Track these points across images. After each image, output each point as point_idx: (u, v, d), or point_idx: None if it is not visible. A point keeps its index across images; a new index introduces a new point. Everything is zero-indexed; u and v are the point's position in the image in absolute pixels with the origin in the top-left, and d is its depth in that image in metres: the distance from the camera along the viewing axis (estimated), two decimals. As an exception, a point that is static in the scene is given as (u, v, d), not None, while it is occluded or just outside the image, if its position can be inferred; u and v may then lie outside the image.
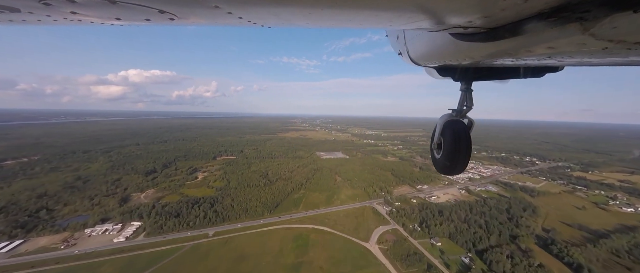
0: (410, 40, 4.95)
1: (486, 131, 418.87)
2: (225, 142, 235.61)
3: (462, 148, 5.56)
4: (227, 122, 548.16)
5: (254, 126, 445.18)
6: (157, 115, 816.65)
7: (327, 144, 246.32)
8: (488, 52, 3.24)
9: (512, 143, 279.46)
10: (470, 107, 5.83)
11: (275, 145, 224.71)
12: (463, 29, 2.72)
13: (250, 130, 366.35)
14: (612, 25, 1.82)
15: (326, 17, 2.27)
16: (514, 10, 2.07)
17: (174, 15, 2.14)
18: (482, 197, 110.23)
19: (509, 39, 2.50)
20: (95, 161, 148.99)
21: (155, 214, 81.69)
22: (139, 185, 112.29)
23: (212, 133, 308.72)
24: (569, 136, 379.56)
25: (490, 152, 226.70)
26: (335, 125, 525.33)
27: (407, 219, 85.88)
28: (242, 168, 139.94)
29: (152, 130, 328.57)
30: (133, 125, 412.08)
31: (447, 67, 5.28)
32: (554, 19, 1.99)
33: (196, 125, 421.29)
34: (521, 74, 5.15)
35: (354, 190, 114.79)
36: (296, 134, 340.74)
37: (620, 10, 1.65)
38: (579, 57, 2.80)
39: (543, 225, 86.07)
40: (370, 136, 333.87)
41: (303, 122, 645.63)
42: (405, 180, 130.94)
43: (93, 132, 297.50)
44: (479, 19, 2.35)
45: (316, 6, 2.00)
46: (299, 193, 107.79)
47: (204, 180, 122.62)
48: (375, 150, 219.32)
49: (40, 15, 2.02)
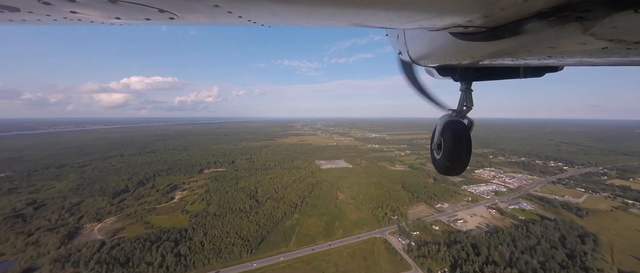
0: (410, 40, 4.89)
1: (495, 132, 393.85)
2: (218, 150, 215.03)
3: (462, 148, 5.46)
4: (226, 127, 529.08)
5: (253, 131, 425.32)
6: (158, 122, 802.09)
7: (328, 151, 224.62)
8: (488, 51, 3.22)
9: (528, 145, 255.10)
10: (470, 107, 5.75)
11: (271, 154, 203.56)
12: (463, 29, 2.72)
13: (249, 136, 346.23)
14: (612, 25, 1.81)
15: (326, 17, 2.26)
16: (514, 9, 2.05)
17: (173, 15, 2.11)
18: (520, 219, 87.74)
19: (509, 38, 2.48)
20: (64, 178, 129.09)
21: (96, 261, 60.63)
22: (100, 211, 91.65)
23: (207, 140, 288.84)
24: (584, 135, 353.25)
25: (507, 156, 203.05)
26: (337, 129, 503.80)
27: (432, 260, 63.80)
28: (228, 186, 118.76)
29: (145, 138, 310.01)
30: (129, 133, 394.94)
31: (447, 67, 5.28)
32: (554, 18, 1.97)
33: (193, 132, 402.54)
34: (521, 74, 5.11)
35: (360, 213, 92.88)
36: (296, 139, 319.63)
37: (620, 10, 1.64)
38: (579, 57, 2.82)
39: (615, 263, 63.55)
40: (374, 140, 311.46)
41: (304, 125, 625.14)
42: (420, 195, 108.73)
43: (84, 142, 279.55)
44: (479, 18, 2.33)
45: (316, 6, 1.97)
46: (292, 220, 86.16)
47: (181, 202, 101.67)
48: (381, 157, 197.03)
49: (40, 15, 1.99)
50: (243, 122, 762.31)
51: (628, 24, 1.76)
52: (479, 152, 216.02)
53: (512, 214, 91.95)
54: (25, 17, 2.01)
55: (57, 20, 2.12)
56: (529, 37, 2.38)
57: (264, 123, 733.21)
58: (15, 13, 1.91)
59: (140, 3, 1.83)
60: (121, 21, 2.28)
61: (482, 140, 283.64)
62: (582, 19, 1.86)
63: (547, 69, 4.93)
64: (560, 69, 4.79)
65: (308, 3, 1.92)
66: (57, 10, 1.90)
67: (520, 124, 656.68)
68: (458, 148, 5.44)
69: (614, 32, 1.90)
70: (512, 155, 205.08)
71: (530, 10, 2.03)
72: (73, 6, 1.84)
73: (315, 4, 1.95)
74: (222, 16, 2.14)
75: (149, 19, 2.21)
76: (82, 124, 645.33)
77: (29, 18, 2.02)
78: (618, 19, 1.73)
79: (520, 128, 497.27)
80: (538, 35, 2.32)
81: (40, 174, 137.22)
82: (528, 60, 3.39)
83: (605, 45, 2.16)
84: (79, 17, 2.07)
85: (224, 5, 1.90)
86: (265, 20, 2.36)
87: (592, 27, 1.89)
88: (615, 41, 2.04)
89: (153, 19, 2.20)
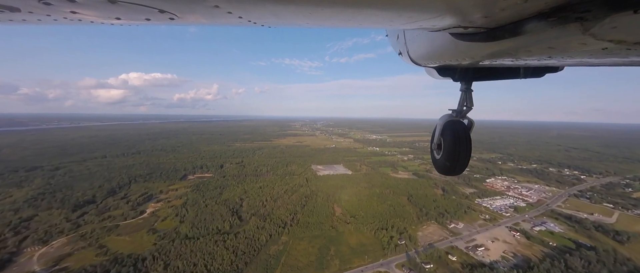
0: (410, 40, 4.89)
1: (498, 135, 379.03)
2: (209, 152, 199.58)
3: (462, 148, 5.44)
4: (222, 126, 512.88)
5: (250, 130, 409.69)
6: (155, 119, 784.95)
7: (326, 154, 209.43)
8: (488, 52, 3.22)
9: (536, 150, 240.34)
10: (470, 108, 5.72)
11: (265, 157, 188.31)
12: (463, 29, 2.71)
13: (244, 136, 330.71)
14: (612, 25, 1.79)
15: (326, 17, 2.24)
16: (514, 10, 2.04)
17: (174, 15, 2.10)
18: (551, 246, 72.89)
19: (509, 39, 2.47)
20: (28, 185, 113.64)
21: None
22: (51, 229, 76.35)
23: (200, 140, 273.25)
24: (591, 139, 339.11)
25: (517, 162, 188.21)
26: (336, 129, 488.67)
27: (454, 311, 48.86)
28: (210, 197, 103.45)
29: (136, 137, 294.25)
30: (122, 130, 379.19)
31: (447, 67, 5.26)
32: (554, 19, 1.96)
33: (188, 131, 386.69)
34: (521, 74, 5.09)
35: (360, 236, 77.73)
36: (293, 140, 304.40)
37: (620, 10, 1.63)
38: (579, 57, 2.81)
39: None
40: (375, 142, 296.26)
41: (303, 125, 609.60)
42: (428, 211, 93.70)
43: (71, 140, 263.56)
44: (479, 19, 2.32)
45: (316, 6, 1.97)
46: (278, 244, 70.91)
47: (151, 218, 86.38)
48: (382, 162, 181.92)
49: (40, 15, 1.98)
50: (241, 121, 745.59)
51: (628, 24, 1.74)
52: (486, 157, 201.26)
53: (540, 239, 76.97)
54: (26, 17, 2.00)
55: (58, 20, 2.11)
56: (529, 38, 2.36)
57: (262, 122, 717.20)
58: (16, 13, 1.91)
59: (140, 3, 1.81)
60: (121, 22, 2.27)
61: (488, 144, 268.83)
62: (582, 19, 1.84)
63: (547, 69, 4.90)
64: (561, 69, 4.77)
65: (308, 3, 1.90)
66: (57, 11, 1.90)
67: (521, 126, 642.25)
68: (458, 149, 5.40)
69: (614, 33, 1.88)
70: (522, 161, 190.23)
71: (530, 10, 2.00)
72: (73, 6, 1.83)
73: (316, 5, 1.93)
74: (222, 17, 2.12)
75: (149, 20, 2.20)
76: (76, 120, 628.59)
77: (29, 18, 2.02)
78: (618, 20, 1.71)
79: (523, 131, 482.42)
80: (538, 36, 2.29)
81: (3, 179, 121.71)
82: (528, 61, 3.39)
83: (605, 46, 2.14)
84: (79, 18, 2.07)
85: (224, 6, 1.88)
86: (265, 20, 2.34)
87: (592, 27, 1.87)
88: (615, 41, 2.01)
89: (153, 20, 2.19)
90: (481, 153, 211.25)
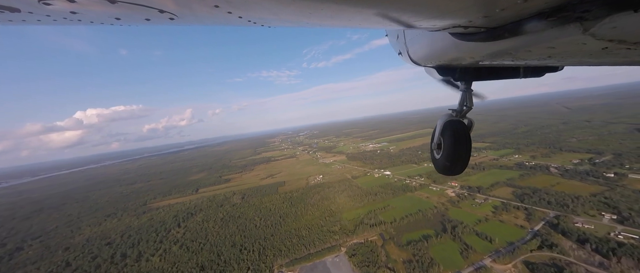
0: (410, 40, 4.75)
1: (504, 118, 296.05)
2: (91, 236, 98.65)
3: (462, 148, 5.29)
4: (184, 157, 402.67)
5: (213, 161, 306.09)
6: (119, 158, 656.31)
7: (308, 205, 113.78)
8: (488, 52, 3.14)
9: (571, 136, 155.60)
10: (470, 107, 5.62)
11: (186, 243, 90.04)
12: (463, 29, 2.62)
13: (196, 173, 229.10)
14: (612, 25, 1.74)
15: (326, 17, 2.15)
16: (514, 10, 1.97)
17: (173, 15, 2.01)
18: None
19: (509, 38, 2.39)
20: None
21: None
22: None
23: (131, 192, 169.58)
24: (604, 107, 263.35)
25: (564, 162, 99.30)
26: (322, 139, 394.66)
27: None
28: None
29: (75, 189, 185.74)
30: (69, 180, 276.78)
31: (447, 66, 5.11)
32: (554, 18, 1.89)
33: (140, 171, 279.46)
34: (521, 74, 4.99)
35: None
36: (265, 170, 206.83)
37: (620, 10, 1.58)
38: (579, 57, 2.76)
39: None
40: (377, 158, 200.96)
41: (284, 139, 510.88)
42: None
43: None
44: (479, 18, 2.25)
45: (316, 6, 1.88)
46: None
47: None
48: (419, 219, 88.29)
49: (40, 15, 1.90)
50: (213, 146, 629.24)
51: (628, 24, 1.68)
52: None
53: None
54: (25, 18, 1.92)
55: (57, 21, 2.01)
56: (529, 38, 2.27)
57: (238, 143, 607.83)
58: (16, 13, 1.83)
59: (141, 3, 1.74)
60: (121, 22, 2.16)
61: (487, 141, 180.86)
62: (582, 19, 1.78)
63: (547, 69, 4.86)
64: (561, 68, 4.72)
65: (308, 3, 1.82)
66: (57, 11, 1.83)
67: (499, 106, 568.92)
68: (458, 148, 5.28)
69: (614, 33, 1.82)
70: (571, 154, 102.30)
71: (530, 10, 1.93)
72: (73, 6, 1.77)
73: (316, 4, 1.84)
74: (222, 16, 2.04)
75: (149, 20, 2.09)
76: (25, 175, 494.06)
77: (29, 18, 1.93)
78: (618, 19, 1.65)
79: (510, 111, 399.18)
80: (538, 36, 2.21)
81: None
82: (528, 60, 3.32)
83: (606, 46, 2.07)
84: (79, 18, 1.99)
85: (224, 6, 1.81)
86: (265, 20, 2.24)
87: (592, 27, 1.80)
88: (615, 41, 1.95)
89: (153, 20, 2.09)
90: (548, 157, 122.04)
